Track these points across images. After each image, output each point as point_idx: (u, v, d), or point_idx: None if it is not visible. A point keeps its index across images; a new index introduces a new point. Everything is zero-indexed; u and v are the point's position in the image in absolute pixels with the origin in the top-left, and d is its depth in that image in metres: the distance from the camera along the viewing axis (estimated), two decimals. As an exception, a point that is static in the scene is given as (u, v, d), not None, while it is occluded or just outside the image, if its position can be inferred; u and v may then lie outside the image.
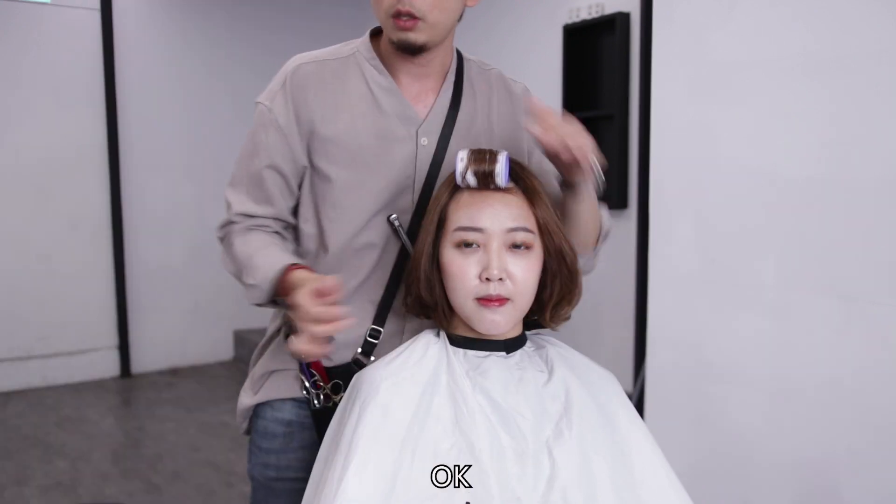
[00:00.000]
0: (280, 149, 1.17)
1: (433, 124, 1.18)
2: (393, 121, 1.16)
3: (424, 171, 1.17)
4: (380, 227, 1.17)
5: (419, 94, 1.19)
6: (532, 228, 0.98)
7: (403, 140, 1.16)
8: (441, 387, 0.97)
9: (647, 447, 0.99)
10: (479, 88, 1.25)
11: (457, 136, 1.19)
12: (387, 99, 1.17)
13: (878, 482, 1.76)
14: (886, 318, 1.73)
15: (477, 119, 1.22)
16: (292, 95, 1.17)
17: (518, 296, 0.97)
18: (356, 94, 1.17)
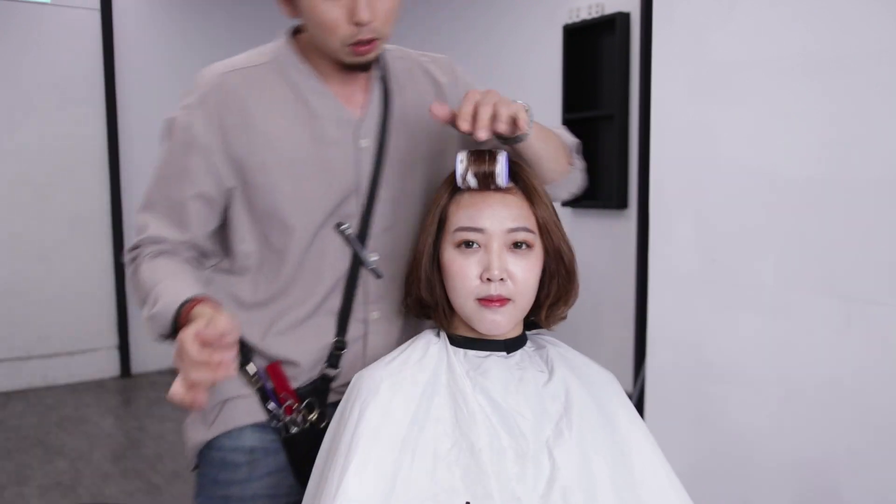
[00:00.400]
0: (206, 174, 1.08)
1: (370, 124, 1.13)
2: (329, 125, 1.10)
3: (367, 174, 1.12)
4: (329, 237, 1.12)
5: (350, 94, 1.13)
6: (532, 228, 0.98)
7: (341, 144, 1.11)
8: (441, 387, 0.97)
9: (647, 447, 0.99)
10: (403, 78, 1.19)
11: (395, 133, 1.14)
12: (320, 103, 1.11)
13: (879, 482, 1.76)
14: (886, 318, 1.73)
15: (409, 111, 1.17)
16: (217, 110, 1.08)
17: (519, 296, 0.97)
18: (286, 101, 1.10)
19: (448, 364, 0.99)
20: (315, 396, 1.13)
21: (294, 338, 1.13)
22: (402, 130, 1.15)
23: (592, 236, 3.63)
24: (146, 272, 1.09)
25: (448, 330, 1.04)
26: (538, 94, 3.92)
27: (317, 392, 1.14)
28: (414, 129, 1.16)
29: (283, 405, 1.11)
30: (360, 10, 0.99)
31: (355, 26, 1.00)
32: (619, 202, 3.48)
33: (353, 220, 1.12)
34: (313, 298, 1.13)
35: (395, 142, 1.14)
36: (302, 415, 1.11)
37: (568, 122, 3.68)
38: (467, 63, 4.71)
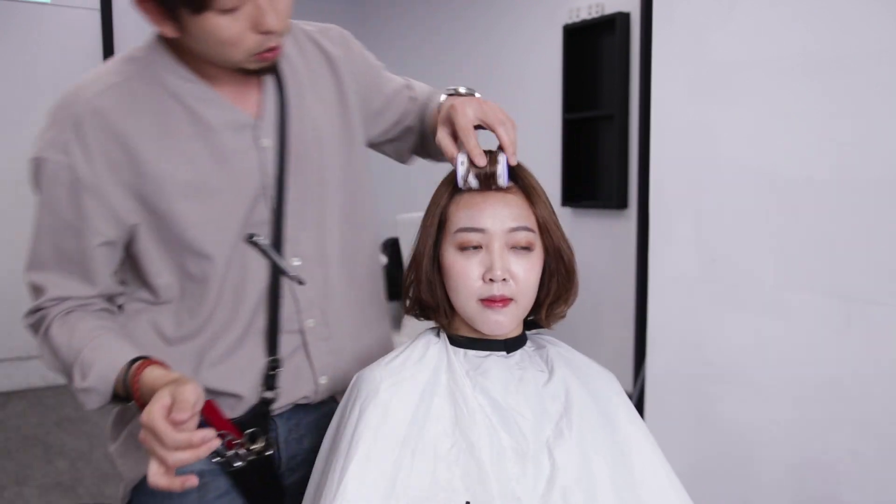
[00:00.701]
0: (103, 217, 0.96)
1: (269, 121, 1.03)
2: (225, 134, 1.00)
3: (273, 176, 1.03)
4: (246, 252, 1.03)
5: (243, 94, 1.03)
6: (532, 227, 0.98)
7: (243, 150, 1.01)
8: (441, 387, 0.97)
9: (647, 447, 0.99)
10: (294, 61, 1.09)
11: (296, 126, 1.05)
12: (210, 110, 0.99)
13: (879, 482, 1.76)
14: (886, 318, 1.73)
15: (306, 98, 1.08)
16: (97, 140, 0.94)
17: (521, 295, 0.97)
18: (172, 115, 0.98)
19: (448, 364, 0.99)
20: (258, 424, 1.04)
21: (229, 367, 1.04)
22: (303, 119, 1.07)
23: (592, 236, 3.63)
24: (60, 337, 0.98)
25: (448, 330, 1.04)
26: (538, 94, 3.92)
27: (258, 418, 1.05)
28: (314, 115, 1.08)
29: (224, 440, 0.99)
30: (268, 18, 0.89)
31: (262, 35, 0.91)
32: (619, 202, 3.48)
33: (265, 227, 1.03)
34: (240, 320, 1.04)
35: (298, 133, 1.05)
36: (245, 447, 1.02)
37: (568, 122, 3.68)
38: (467, 63, 4.74)
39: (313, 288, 1.07)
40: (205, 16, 0.87)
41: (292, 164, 1.04)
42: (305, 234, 1.07)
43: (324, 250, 1.09)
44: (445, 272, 0.99)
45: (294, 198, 1.05)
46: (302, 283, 1.05)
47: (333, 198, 1.10)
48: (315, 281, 1.08)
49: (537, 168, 1.09)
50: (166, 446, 0.81)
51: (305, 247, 1.07)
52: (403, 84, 1.25)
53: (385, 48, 5.16)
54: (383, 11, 5.19)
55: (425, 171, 1.37)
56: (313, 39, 1.13)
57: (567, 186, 3.69)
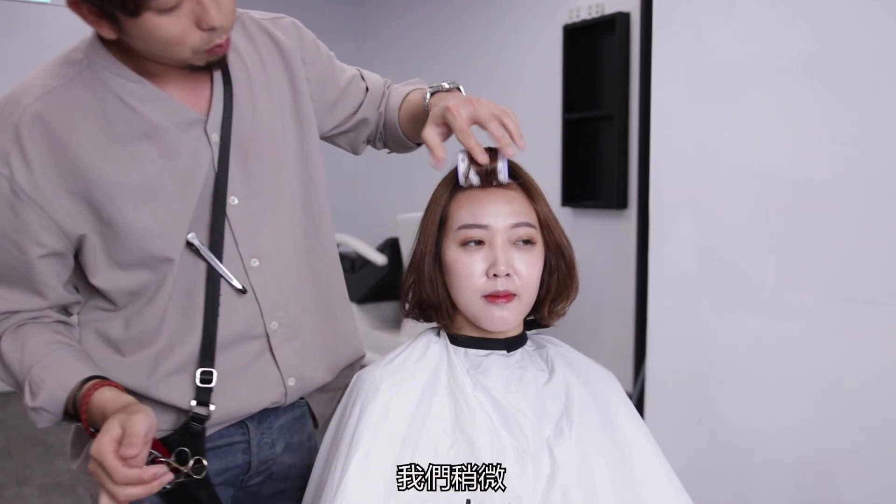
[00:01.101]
0: (47, 230, 0.91)
1: (218, 116, 0.99)
2: (173, 131, 0.95)
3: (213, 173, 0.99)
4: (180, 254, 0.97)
5: (193, 89, 0.98)
6: (534, 223, 0.99)
7: (194, 147, 0.96)
8: (441, 386, 0.97)
9: (647, 447, 0.99)
10: (243, 52, 1.04)
11: (247, 120, 1.01)
12: (157, 110, 0.94)
13: (879, 482, 1.76)
14: (886, 318, 1.73)
15: (258, 90, 1.03)
16: (35, 148, 0.89)
17: (524, 291, 0.98)
18: (116, 117, 0.92)
19: (448, 363, 0.99)
20: (188, 443, 0.97)
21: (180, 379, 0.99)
22: (254, 112, 1.02)
23: (592, 236, 3.63)
24: (11, 353, 0.95)
25: (449, 329, 1.04)
26: (538, 94, 3.92)
27: (190, 437, 0.98)
28: (266, 107, 1.03)
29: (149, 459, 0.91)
30: (211, 14, 0.84)
31: (207, 32, 0.86)
32: (619, 202, 3.48)
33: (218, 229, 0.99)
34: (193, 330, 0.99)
35: (250, 127, 1.01)
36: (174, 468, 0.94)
37: (568, 122, 3.68)
38: (467, 63, 4.74)
39: (275, 289, 1.03)
40: (143, 17, 0.82)
41: (242, 159, 1.00)
42: (262, 233, 1.02)
43: (283, 249, 1.05)
44: (448, 270, 0.99)
45: (247, 195, 1.01)
46: (243, 291, 1.00)
47: (290, 193, 1.06)
48: (276, 281, 1.03)
49: (537, 168, 1.10)
50: (116, 482, 0.79)
51: (263, 246, 1.02)
52: (356, 74, 1.22)
53: (385, 48, 5.17)
54: (383, 11, 5.19)
55: (425, 170, 1.37)
56: (264, 29, 1.07)
57: (567, 186, 3.69)
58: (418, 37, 4.87)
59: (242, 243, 1.01)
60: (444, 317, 1.03)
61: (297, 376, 1.08)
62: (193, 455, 0.95)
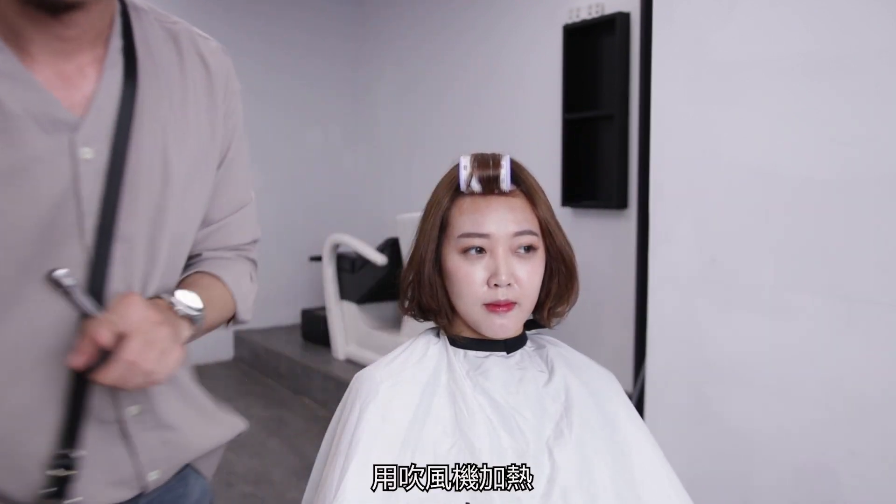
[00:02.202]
0: None
1: (99, 124, 0.76)
2: (27, 127, 0.72)
3: (96, 198, 0.75)
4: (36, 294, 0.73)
5: (68, 76, 0.76)
6: (535, 230, 0.98)
7: (50, 156, 0.73)
8: (441, 387, 0.97)
9: (648, 447, 0.99)
10: (162, 55, 0.83)
11: (141, 136, 0.79)
12: (12, 92, 0.72)
13: (879, 482, 1.76)
14: (886, 318, 1.73)
15: (164, 103, 0.81)
16: None
17: (524, 298, 0.97)
18: None
19: (448, 364, 0.99)
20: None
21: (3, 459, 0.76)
22: (158, 128, 0.80)
23: (592, 236, 3.63)
24: None
25: (449, 331, 1.04)
26: (538, 94, 3.92)
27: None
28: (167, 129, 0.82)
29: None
30: None
31: None
32: (619, 202, 3.48)
33: (76, 267, 0.75)
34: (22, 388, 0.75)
35: (142, 146, 0.79)
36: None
37: (568, 122, 3.68)
38: (467, 63, 4.73)
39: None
40: None
41: (129, 187, 0.78)
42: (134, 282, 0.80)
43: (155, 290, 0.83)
44: (448, 276, 0.99)
45: (130, 234, 0.79)
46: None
47: (167, 235, 0.84)
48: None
49: (537, 168, 1.09)
50: None
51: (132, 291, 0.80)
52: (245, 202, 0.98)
53: (385, 48, 5.16)
54: (383, 11, 5.19)
55: (425, 171, 1.37)
56: (195, 43, 0.89)
57: (567, 186, 3.69)
58: (418, 37, 4.87)
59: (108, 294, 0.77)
60: (443, 319, 1.03)
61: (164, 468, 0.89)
62: None
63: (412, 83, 4.92)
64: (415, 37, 4.90)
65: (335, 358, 4.39)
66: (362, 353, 4.21)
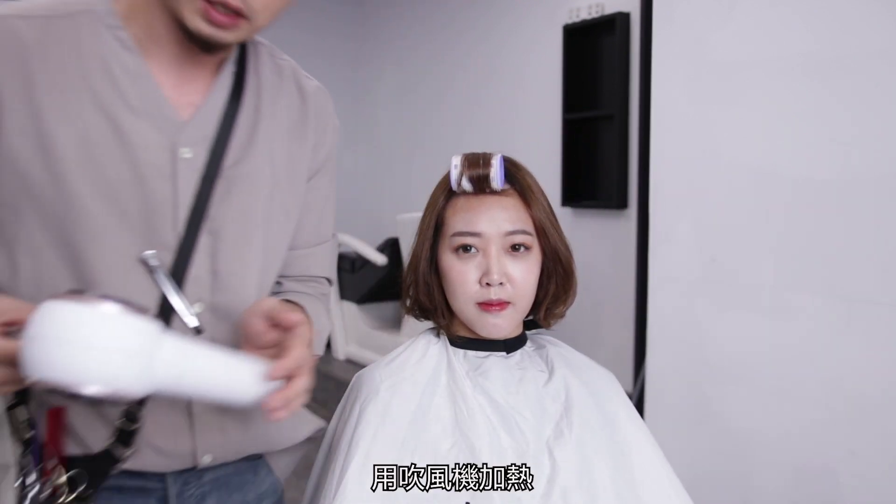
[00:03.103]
0: None
1: (200, 130, 0.86)
2: (141, 120, 0.82)
3: (191, 194, 0.84)
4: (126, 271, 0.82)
5: (183, 85, 0.86)
6: (529, 230, 0.98)
7: (154, 149, 0.83)
8: (441, 387, 0.97)
9: (648, 447, 0.99)
10: (268, 82, 0.93)
11: (241, 146, 0.88)
12: (134, 88, 0.82)
13: (879, 482, 1.76)
14: (886, 318, 1.73)
15: (260, 124, 0.91)
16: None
17: (519, 298, 0.97)
18: (92, 73, 0.81)
19: (448, 364, 0.99)
20: (89, 474, 0.83)
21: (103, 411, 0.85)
22: (248, 142, 0.90)
23: (592, 236, 3.63)
24: None
25: (447, 331, 1.04)
26: (538, 94, 3.92)
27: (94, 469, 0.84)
28: (259, 145, 0.90)
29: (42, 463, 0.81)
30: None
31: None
32: (619, 202, 3.48)
33: (165, 253, 0.84)
34: None
35: (241, 157, 0.88)
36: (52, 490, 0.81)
37: (568, 122, 3.68)
38: (467, 63, 4.73)
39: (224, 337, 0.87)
40: None
41: (221, 190, 0.87)
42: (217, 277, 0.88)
43: (233, 302, 0.89)
44: (443, 276, 0.99)
45: (213, 230, 0.87)
46: (200, 331, 0.84)
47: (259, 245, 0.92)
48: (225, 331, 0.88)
49: (537, 168, 1.09)
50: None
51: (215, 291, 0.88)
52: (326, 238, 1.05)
53: (385, 48, 5.16)
54: (383, 11, 5.19)
55: (425, 171, 1.37)
56: (297, 77, 0.98)
57: (567, 186, 3.69)
58: (418, 37, 4.87)
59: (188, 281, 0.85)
60: (441, 319, 1.03)
61: (216, 455, 0.93)
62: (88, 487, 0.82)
63: (412, 83, 4.92)
64: (415, 37, 4.90)
65: (335, 358, 4.39)
66: (362, 353, 4.21)
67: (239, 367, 0.78)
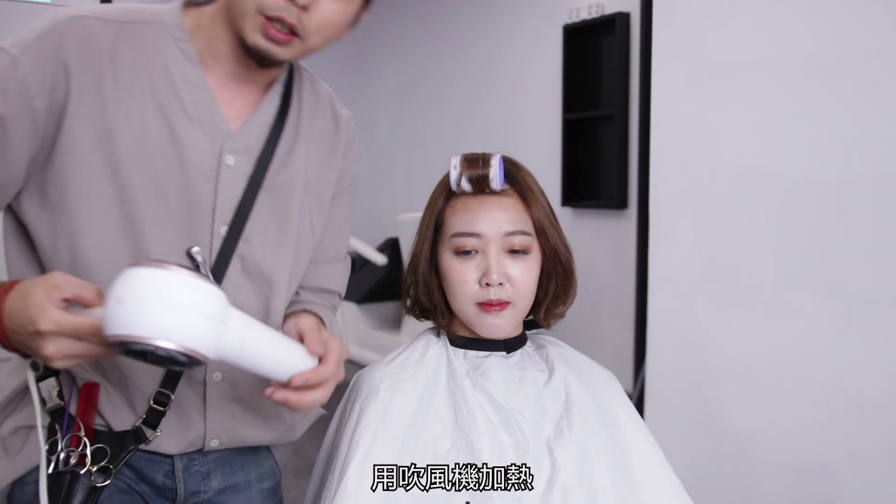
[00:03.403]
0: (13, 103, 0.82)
1: (245, 141, 0.93)
2: (194, 126, 0.89)
3: (231, 199, 0.91)
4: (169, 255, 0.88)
5: (235, 98, 0.93)
6: (529, 230, 0.98)
7: (203, 153, 0.90)
8: (441, 387, 0.97)
9: (648, 447, 0.99)
10: (307, 105, 1.02)
11: (277, 160, 0.95)
12: (192, 97, 0.89)
13: (879, 482, 1.76)
14: (886, 318, 1.73)
15: (298, 143, 0.99)
16: (56, 56, 0.84)
17: (518, 298, 0.97)
18: (156, 78, 0.88)
19: (448, 364, 0.99)
20: (112, 450, 0.90)
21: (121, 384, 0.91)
22: (286, 157, 0.97)
23: (592, 236, 3.63)
24: None
25: (447, 331, 1.04)
26: (538, 94, 3.92)
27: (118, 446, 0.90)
28: (296, 161, 0.98)
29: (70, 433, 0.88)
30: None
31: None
32: (619, 202, 3.48)
33: (206, 250, 0.91)
34: None
35: (280, 169, 0.96)
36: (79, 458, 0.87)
37: (568, 122, 3.68)
38: (467, 63, 4.72)
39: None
40: None
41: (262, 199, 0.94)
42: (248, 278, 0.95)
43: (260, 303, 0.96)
44: (443, 276, 0.99)
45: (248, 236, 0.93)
46: None
47: (288, 254, 0.98)
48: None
49: (537, 168, 1.09)
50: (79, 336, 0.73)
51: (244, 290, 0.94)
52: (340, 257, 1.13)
53: (385, 48, 5.16)
54: (383, 11, 5.19)
55: (425, 171, 1.37)
56: (332, 103, 1.07)
57: (567, 186, 3.69)
58: (418, 37, 4.87)
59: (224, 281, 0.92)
60: (440, 319, 1.03)
61: (223, 441, 0.98)
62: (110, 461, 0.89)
63: (412, 83, 4.92)
64: (415, 37, 4.90)
65: (335, 358, 4.38)
66: (362, 353, 4.21)
67: (290, 347, 0.84)
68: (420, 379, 0.98)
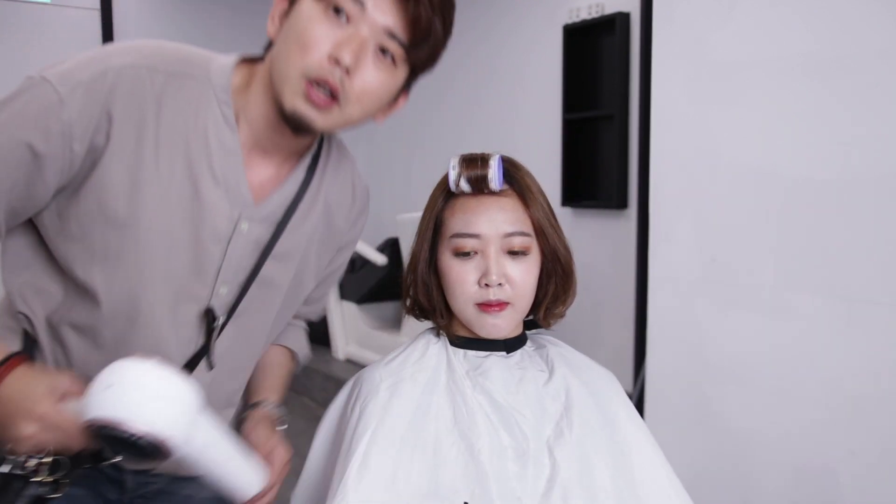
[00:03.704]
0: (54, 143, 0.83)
1: (263, 211, 0.95)
2: (219, 189, 0.91)
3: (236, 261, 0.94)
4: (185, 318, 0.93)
5: (261, 168, 0.95)
6: (528, 231, 0.98)
7: (220, 217, 0.91)
8: (441, 386, 0.97)
9: (648, 447, 0.99)
10: (329, 173, 1.04)
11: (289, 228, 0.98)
12: (222, 160, 0.90)
13: (878, 482, 1.76)
14: (886, 318, 1.73)
15: (314, 210, 1.02)
16: (103, 105, 0.84)
17: (518, 299, 0.97)
18: (193, 139, 0.89)
19: (448, 364, 0.99)
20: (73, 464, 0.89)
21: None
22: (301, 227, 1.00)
23: (592, 236, 3.63)
24: None
25: (448, 330, 1.04)
26: (538, 94, 3.92)
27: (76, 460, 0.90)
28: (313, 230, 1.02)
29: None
30: (346, 48, 0.83)
31: (329, 62, 0.84)
32: (619, 202, 3.48)
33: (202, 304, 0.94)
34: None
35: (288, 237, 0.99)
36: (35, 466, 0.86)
37: (568, 122, 3.69)
38: (467, 63, 4.72)
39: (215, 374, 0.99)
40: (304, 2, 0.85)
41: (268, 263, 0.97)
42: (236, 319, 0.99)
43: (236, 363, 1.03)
44: (442, 277, 0.99)
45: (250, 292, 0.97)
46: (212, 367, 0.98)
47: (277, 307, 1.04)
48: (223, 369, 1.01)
49: (537, 168, 1.09)
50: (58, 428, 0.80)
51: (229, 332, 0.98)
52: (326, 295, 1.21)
53: (385, 48, 5.16)
54: (383, 11, 5.19)
55: (425, 171, 1.37)
56: (353, 174, 1.10)
57: (567, 186, 3.69)
58: (418, 37, 4.87)
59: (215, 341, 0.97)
60: (440, 319, 1.03)
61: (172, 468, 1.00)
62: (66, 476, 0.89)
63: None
64: (415, 37, 4.90)
65: (335, 358, 4.39)
66: (362, 354, 4.21)
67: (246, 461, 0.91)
68: (420, 379, 0.98)
